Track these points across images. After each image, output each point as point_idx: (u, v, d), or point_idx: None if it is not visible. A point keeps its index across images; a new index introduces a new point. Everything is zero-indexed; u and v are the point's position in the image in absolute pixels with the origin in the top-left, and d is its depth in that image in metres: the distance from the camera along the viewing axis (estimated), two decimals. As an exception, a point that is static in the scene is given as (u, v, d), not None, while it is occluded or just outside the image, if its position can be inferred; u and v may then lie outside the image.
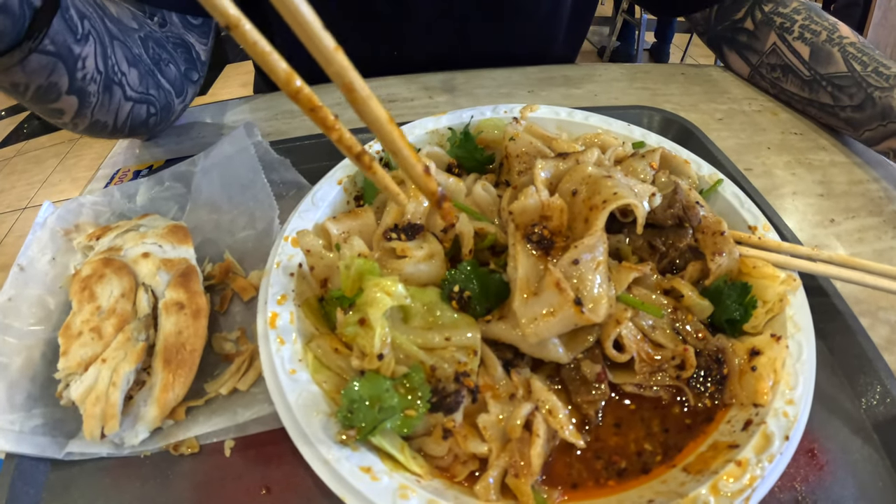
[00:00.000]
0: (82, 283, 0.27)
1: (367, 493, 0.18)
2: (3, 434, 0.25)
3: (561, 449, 0.22)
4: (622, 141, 0.33)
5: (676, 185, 0.28)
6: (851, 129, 0.49)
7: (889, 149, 0.47)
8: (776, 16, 0.54)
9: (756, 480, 0.19)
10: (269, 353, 0.22)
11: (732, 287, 0.25)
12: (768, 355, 0.23)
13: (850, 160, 0.49)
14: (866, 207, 0.43)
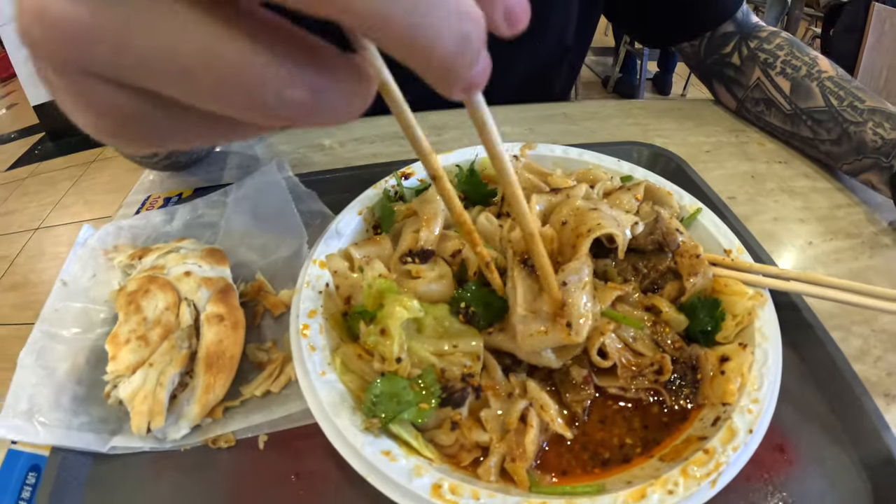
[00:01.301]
0: (129, 297, 0.31)
1: (387, 472, 0.21)
2: (50, 430, 0.28)
3: (552, 442, 0.25)
4: (611, 175, 0.37)
5: (658, 214, 0.32)
6: (832, 161, 0.52)
7: (867, 181, 0.50)
8: (760, 52, 0.57)
9: (721, 466, 0.22)
10: (302, 358, 0.26)
11: (705, 303, 0.29)
12: (736, 361, 0.26)
13: (833, 186, 0.52)
14: (845, 230, 0.47)
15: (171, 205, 0.44)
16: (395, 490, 0.21)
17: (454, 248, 0.32)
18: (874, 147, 0.48)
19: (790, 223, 0.46)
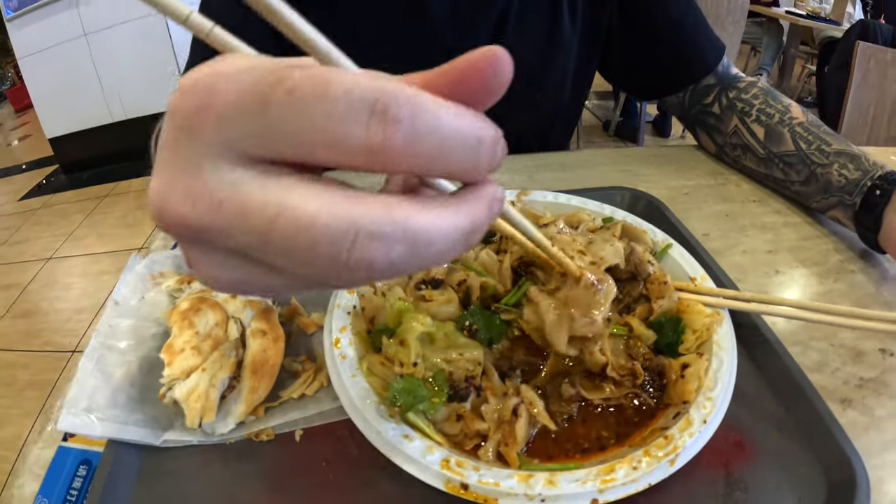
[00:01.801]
0: (182, 315, 0.37)
1: (405, 450, 0.27)
2: (107, 425, 0.33)
3: (539, 435, 0.31)
4: (594, 217, 0.44)
5: (633, 248, 0.38)
6: (803, 199, 0.58)
7: (835, 217, 0.55)
8: (738, 101, 0.64)
9: (678, 448, 0.27)
10: (335, 364, 0.32)
11: (669, 321, 0.35)
12: (695, 367, 0.32)
13: (803, 220, 0.58)
14: (812, 259, 0.52)
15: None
16: (412, 464, 0.26)
17: (460, 278, 0.38)
18: (839, 186, 0.53)
19: (759, 254, 0.52)
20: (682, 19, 0.66)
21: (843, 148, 0.55)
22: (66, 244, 2.69)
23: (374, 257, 0.14)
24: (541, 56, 0.65)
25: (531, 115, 0.69)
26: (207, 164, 0.14)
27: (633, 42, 0.68)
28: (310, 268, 0.14)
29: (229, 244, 0.15)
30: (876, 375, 0.40)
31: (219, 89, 0.14)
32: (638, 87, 0.75)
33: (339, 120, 0.13)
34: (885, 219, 0.48)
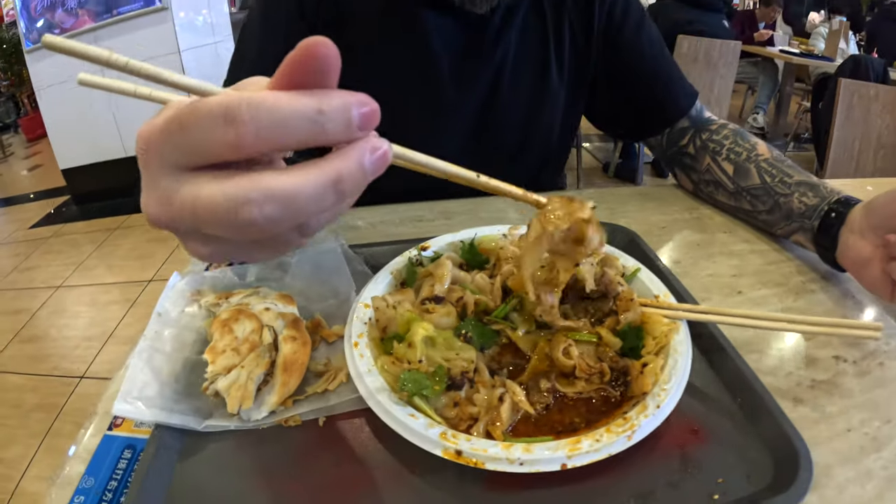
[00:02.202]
0: (223, 323, 0.44)
1: (411, 426, 0.33)
2: (155, 411, 0.39)
3: (521, 421, 0.37)
4: None
5: (605, 271, 0.46)
6: (769, 227, 0.66)
7: (797, 241, 0.62)
8: (710, 142, 0.73)
9: (634, 427, 0.34)
10: (355, 361, 0.39)
11: (633, 330, 0.42)
12: (652, 365, 0.38)
13: (769, 247, 0.64)
14: (774, 280, 0.58)
15: (236, 264, 0.57)
16: (417, 437, 0.33)
17: (458, 295, 0.45)
18: (800, 212, 0.60)
19: (724, 278, 0.59)
20: (657, 70, 0.76)
21: (803, 178, 0.63)
22: (76, 273, 2.76)
23: (253, 215, 0.21)
24: (532, 105, 0.75)
25: (524, 157, 0.78)
26: (161, 177, 0.23)
27: (614, 91, 0.78)
28: (225, 231, 0.22)
29: (185, 229, 0.24)
30: (828, 378, 0.45)
31: (149, 133, 0.23)
32: (619, 131, 0.84)
33: (207, 132, 0.20)
34: (840, 238, 0.55)
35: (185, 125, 0.21)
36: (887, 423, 0.41)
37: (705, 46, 2.61)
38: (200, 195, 0.21)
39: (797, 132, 4.29)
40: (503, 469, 0.32)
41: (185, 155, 0.22)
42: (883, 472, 0.37)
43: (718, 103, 2.77)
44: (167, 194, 0.22)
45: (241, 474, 0.37)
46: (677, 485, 0.34)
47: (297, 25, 0.68)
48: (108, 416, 0.43)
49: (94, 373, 1.94)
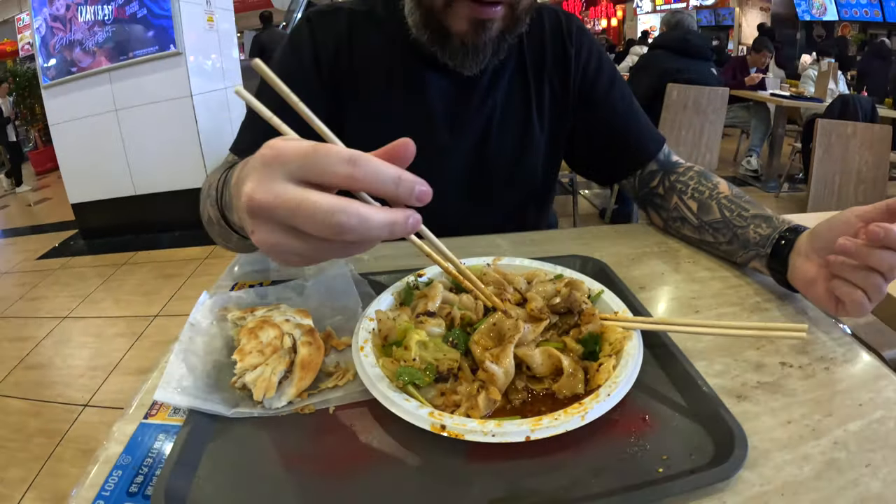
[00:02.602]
0: (249, 331, 0.53)
1: (405, 407, 0.42)
2: (191, 399, 0.46)
3: (496, 411, 0.45)
4: (548, 274, 0.62)
5: (571, 292, 0.55)
6: (729, 256, 0.74)
7: (755, 268, 0.71)
8: (677, 182, 0.83)
9: (587, 409, 0.41)
10: (361, 360, 0.47)
11: (592, 337, 0.50)
12: (606, 364, 0.47)
13: (730, 274, 0.72)
14: (731, 301, 0.65)
15: (258, 287, 0.66)
16: (409, 415, 0.41)
17: (447, 311, 0.54)
18: (755, 242, 0.69)
19: (684, 300, 0.66)
20: (627, 120, 0.87)
21: (758, 212, 0.72)
22: (82, 305, 2.84)
23: (342, 221, 0.31)
24: (517, 152, 0.86)
25: (511, 195, 0.89)
26: (277, 179, 0.33)
27: (589, 139, 0.89)
28: (315, 227, 0.32)
29: (278, 217, 0.33)
30: (773, 380, 0.50)
31: (284, 149, 0.33)
32: (595, 174, 0.95)
33: (333, 164, 0.32)
34: (790, 261, 0.62)
35: (319, 153, 0.32)
36: (828, 417, 0.46)
37: (694, 94, 2.77)
38: (309, 197, 0.32)
39: (790, 173, 4.42)
40: (478, 440, 0.40)
41: (307, 172, 0.33)
42: (821, 457, 0.41)
43: (709, 148, 2.90)
44: (278, 190, 0.33)
45: (263, 453, 0.44)
46: (627, 461, 0.42)
47: (314, 75, 0.80)
48: (143, 407, 0.50)
49: (99, 402, 2.00)
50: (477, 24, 0.70)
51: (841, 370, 0.53)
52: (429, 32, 0.74)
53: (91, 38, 3.66)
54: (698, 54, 3.00)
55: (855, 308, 0.53)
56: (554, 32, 0.87)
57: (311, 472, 0.42)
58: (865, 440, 0.44)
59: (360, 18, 0.81)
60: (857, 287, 0.52)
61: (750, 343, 0.56)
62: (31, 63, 7.99)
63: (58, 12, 3.73)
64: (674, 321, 0.52)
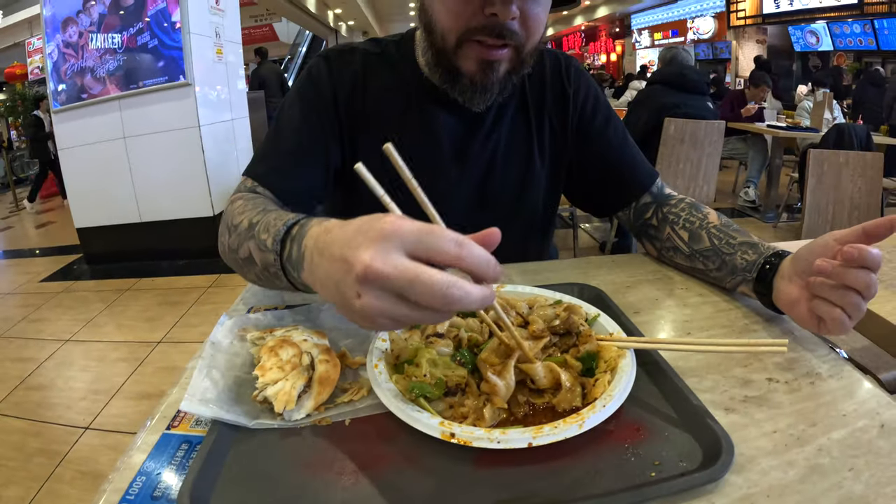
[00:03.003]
0: (270, 349, 0.57)
1: (417, 417, 0.46)
2: (215, 410, 0.50)
3: (501, 423, 0.49)
4: (548, 300, 0.66)
5: (570, 315, 0.59)
6: (719, 282, 0.79)
7: (742, 292, 0.75)
8: (670, 214, 0.88)
9: (584, 418, 0.45)
10: (375, 376, 0.51)
11: (589, 355, 0.55)
12: (602, 379, 0.51)
13: (720, 298, 0.76)
14: (721, 323, 0.69)
15: (274, 311, 0.70)
16: (421, 424, 0.45)
17: (455, 333, 0.59)
18: (742, 267, 0.73)
19: (677, 323, 0.71)
20: (622, 156, 0.93)
21: (745, 240, 0.77)
22: (85, 329, 2.87)
23: (454, 294, 0.37)
24: (519, 184, 0.92)
25: (514, 224, 0.94)
26: (393, 252, 0.38)
27: (586, 173, 0.95)
28: (428, 299, 0.37)
29: (393, 287, 0.38)
30: (760, 395, 0.53)
31: (403, 226, 0.39)
32: (592, 207, 1.01)
33: (443, 244, 0.39)
34: (774, 284, 0.66)
35: (434, 233, 0.39)
36: (812, 427, 0.49)
37: (691, 128, 2.86)
38: (426, 272, 0.37)
39: (788, 203, 4.49)
40: (484, 446, 0.44)
41: (422, 249, 0.38)
42: (805, 462, 0.44)
43: (706, 180, 2.98)
44: (396, 262, 0.38)
45: (282, 461, 0.48)
46: (621, 466, 0.45)
47: (333, 110, 0.85)
48: (164, 419, 0.54)
49: (100, 425, 2.01)
50: (485, 65, 0.76)
51: (825, 384, 0.56)
52: (440, 71, 0.80)
53: (102, 65, 3.77)
54: (695, 89, 3.10)
55: (835, 325, 0.56)
56: (554, 73, 0.94)
57: (328, 479, 0.46)
58: (848, 447, 0.46)
59: (373, 59, 0.87)
60: (836, 305, 0.56)
61: (738, 361, 0.59)
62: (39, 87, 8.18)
63: (70, 39, 3.85)
64: (663, 340, 0.57)
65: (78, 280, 3.74)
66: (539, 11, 0.74)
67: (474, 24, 0.72)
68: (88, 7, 3.75)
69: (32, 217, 6.13)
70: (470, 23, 0.72)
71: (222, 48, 3.97)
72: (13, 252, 4.88)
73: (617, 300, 0.73)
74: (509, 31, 0.72)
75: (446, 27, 0.75)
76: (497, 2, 0.69)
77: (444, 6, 0.74)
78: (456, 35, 0.74)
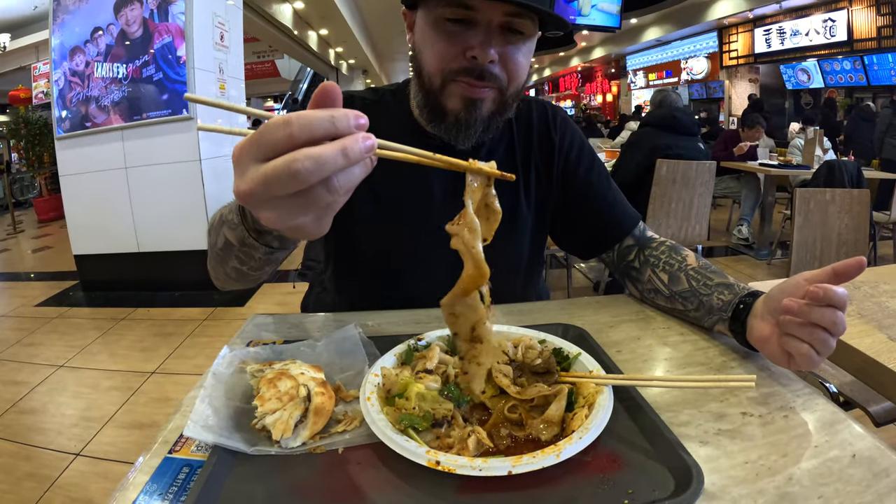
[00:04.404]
0: (269, 381, 0.61)
1: (405, 445, 0.50)
2: (216, 437, 0.53)
3: (483, 454, 0.53)
4: (532, 339, 0.70)
5: (551, 354, 0.64)
6: (698, 322, 0.83)
7: (720, 331, 0.79)
8: (651, 256, 0.93)
9: (561, 449, 0.48)
10: (367, 408, 0.55)
11: (568, 391, 0.59)
12: (580, 413, 0.55)
13: (699, 337, 0.80)
14: (699, 361, 0.73)
15: (272, 345, 0.74)
16: (409, 453, 0.49)
17: (443, 369, 0.63)
18: (719, 307, 0.78)
19: (657, 361, 0.75)
20: (604, 202, 1.00)
21: (722, 281, 0.82)
22: (79, 356, 2.87)
23: (298, 168, 0.36)
24: (506, 227, 0.95)
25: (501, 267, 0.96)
26: (247, 168, 0.40)
27: (570, 218, 1.01)
28: (285, 187, 0.38)
29: (264, 195, 0.39)
30: (734, 428, 0.56)
31: (241, 143, 0.41)
32: (576, 249, 1.06)
33: (274, 133, 0.38)
34: (748, 322, 0.70)
35: (262, 133, 0.39)
36: (784, 457, 0.51)
37: (683, 168, 2.94)
38: (269, 165, 0.38)
39: (781, 240, 4.56)
40: (467, 473, 0.47)
41: (262, 150, 0.39)
42: (775, 491, 0.46)
43: (698, 220, 3.05)
44: (250, 175, 0.39)
45: (279, 485, 0.51)
46: (597, 494, 0.48)
47: None
48: (166, 444, 0.57)
49: (91, 452, 2.00)
50: (468, 103, 0.80)
51: (799, 418, 0.58)
52: (428, 110, 0.85)
53: (107, 95, 3.87)
54: (686, 130, 3.19)
55: (804, 361, 0.60)
56: (541, 121, 1.01)
57: (322, 503, 0.49)
58: (818, 476, 0.49)
59: (370, 106, 0.93)
60: (803, 342, 0.59)
61: (713, 396, 0.63)
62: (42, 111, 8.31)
63: (77, 67, 3.96)
64: (637, 377, 0.61)
65: (73, 307, 3.75)
66: (519, 56, 0.79)
67: (457, 66, 0.78)
68: (96, 37, 3.87)
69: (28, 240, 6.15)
70: (453, 65, 0.78)
71: (225, 83, 4.08)
72: (9, 275, 4.89)
73: (599, 339, 0.77)
74: (490, 73, 0.78)
75: (433, 69, 0.80)
76: (476, 45, 0.75)
77: (430, 50, 0.79)
78: (441, 76, 0.80)
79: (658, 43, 14.14)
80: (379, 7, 10.78)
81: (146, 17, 3.73)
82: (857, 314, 0.93)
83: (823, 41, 9.77)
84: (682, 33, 12.93)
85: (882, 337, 0.84)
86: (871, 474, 0.49)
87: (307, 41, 10.61)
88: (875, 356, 0.78)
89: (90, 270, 4.06)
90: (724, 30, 11.97)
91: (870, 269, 1.25)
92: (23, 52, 9.98)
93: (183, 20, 3.64)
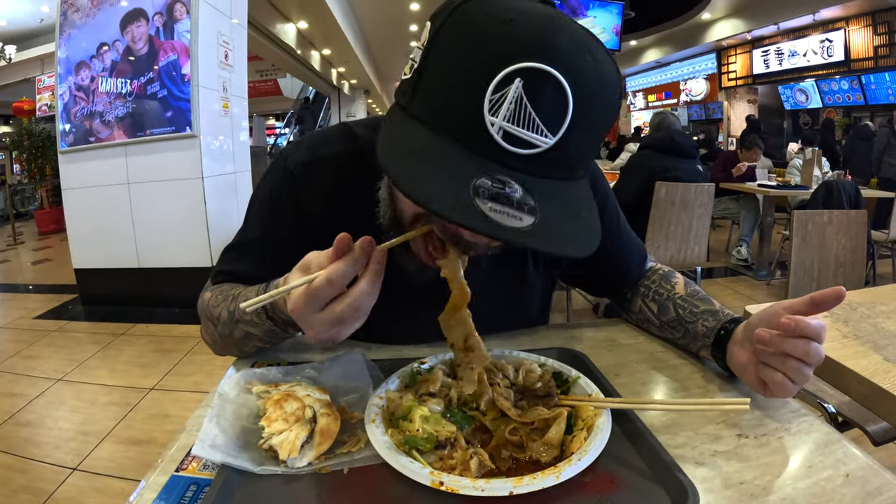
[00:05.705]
0: (275, 402, 0.62)
1: (409, 467, 0.51)
2: (223, 456, 0.55)
3: (486, 474, 0.55)
4: (532, 362, 0.72)
5: (551, 378, 0.65)
6: (687, 348, 0.85)
7: (705, 356, 0.81)
8: (642, 286, 0.95)
9: (560, 471, 0.50)
10: (372, 430, 0.57)
11: (568, 414, 0.61)
12: (579, 436, 0.57)
13: (696, 361, 0.82)
14: (696, 383, 0.74)
15: (278, 367, 0.76)
16: (413, 473, 0.51)
17: (445, 392, 0.65)
18: (703, 334, 0.79)
19: (655, 384, 0.77)
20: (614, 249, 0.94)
21: (707, 307, 0.83)
22: (77, 370, 2.87)
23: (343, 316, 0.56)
24: (514, 294, 0.94)
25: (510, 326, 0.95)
26: (311, 319, 0.57)
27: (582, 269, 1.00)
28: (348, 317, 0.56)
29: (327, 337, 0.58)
30: (729, 449, 0.57)
31: (298, 305, 0.57)
32: (585, 289, 1.10)
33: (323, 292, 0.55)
34: (728, 349, 0.71)
35: (310, 293, 0.54)
36: (778, 478, 0.53)
37: (682, 190, 2.98)
38: (336, 310, 0.55)
39: (780, 260, 4.58)
40: (470, 493, 0.49)
41: (316, 304, 0.54)
42: None
43: (697, 241, 3.08)
44: (315, 322, 0.55)
45: None
46: None
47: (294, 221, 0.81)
48: (173, 462, 0.59)
49: (88, 467, 1.99)
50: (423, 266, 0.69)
51: (794, 439, 0.60)
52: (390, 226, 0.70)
53: (112, 111, 3.90)
54: (684, 153, 3.23)
55: (778, 389, 0.61)
56: None
57: (327, 523, 0.51)
58: (812, 495, 0.50)
59: (347, 168, 0.80)
60: (777, 370, 0.60)
61: (710, 419, 0.64)
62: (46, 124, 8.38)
63: (82, 82, 3.99)
64: (635, 400, 0.63)
65: (73, 320, 3.75)
66: None
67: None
68: (102, 53, 3.92)
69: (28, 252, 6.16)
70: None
71: (228, 102, 4.13)
72: (8, 286, 4.89)
73: (598, 363, 0.78)
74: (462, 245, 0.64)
75: (405, 208, 0.65)
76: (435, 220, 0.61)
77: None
78: (411, 216, 0.65)
79: (657, 64, 14.31)
80: (381, 29, 10.94)
81: (152, 35, 3.78)
82: (854, 335, 0.95)
83: (821, 61, 9.88)
84: (681, 55, 13.11)
85: (878, 358, 0.86)
86: (864, 493, 0.51)
87: (310, 61, 10.75)
88: (870, 377, 0.79)
89: (90, 284, 4.07)
90: (723, 51, 12.13)
91: (867, 289, 1.28)
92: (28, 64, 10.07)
93: (188, 38, 3.69)
